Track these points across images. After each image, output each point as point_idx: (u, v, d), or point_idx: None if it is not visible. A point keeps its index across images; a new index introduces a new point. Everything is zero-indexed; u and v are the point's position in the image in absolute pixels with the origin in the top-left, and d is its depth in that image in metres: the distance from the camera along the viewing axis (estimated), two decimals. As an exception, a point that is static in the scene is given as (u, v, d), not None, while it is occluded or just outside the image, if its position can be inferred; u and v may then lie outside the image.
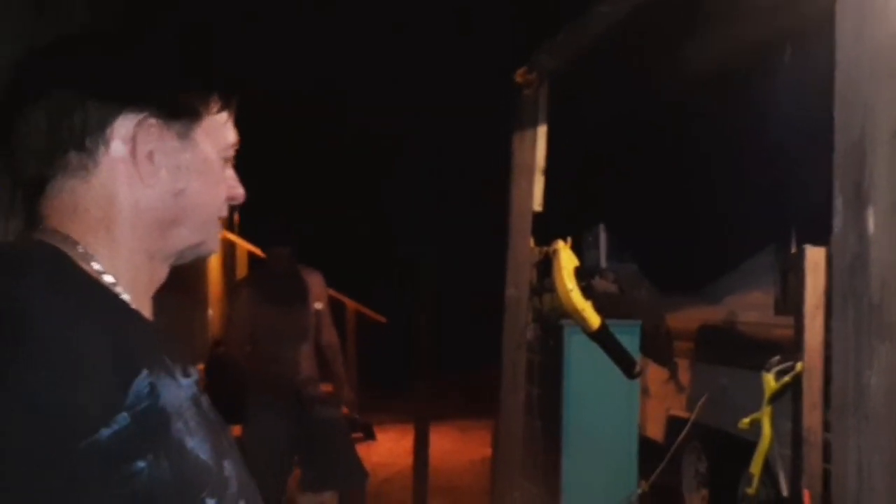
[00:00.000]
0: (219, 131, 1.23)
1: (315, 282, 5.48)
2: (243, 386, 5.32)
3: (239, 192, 1.28)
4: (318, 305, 5.47)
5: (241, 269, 12.51)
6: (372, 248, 16.13)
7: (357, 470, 5.47)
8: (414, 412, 7.56)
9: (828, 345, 4.42)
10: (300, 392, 5.30)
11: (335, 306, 6.27)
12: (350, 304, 11.88)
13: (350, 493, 5.48)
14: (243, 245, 12.21)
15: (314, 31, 8.40)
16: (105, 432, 0.95)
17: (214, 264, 11.83)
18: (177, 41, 1.24)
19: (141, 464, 0.98)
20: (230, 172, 1.27)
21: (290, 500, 5.73)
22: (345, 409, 5.76)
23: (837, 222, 2.10)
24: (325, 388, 5.67)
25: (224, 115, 1.24)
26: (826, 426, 4.53)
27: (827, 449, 4.50)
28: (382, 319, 12.75)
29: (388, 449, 9.20)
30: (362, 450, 5.86)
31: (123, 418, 0.97)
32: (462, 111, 10.38)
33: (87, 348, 0.99)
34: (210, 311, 11.58)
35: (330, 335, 5.62)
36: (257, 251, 6.42)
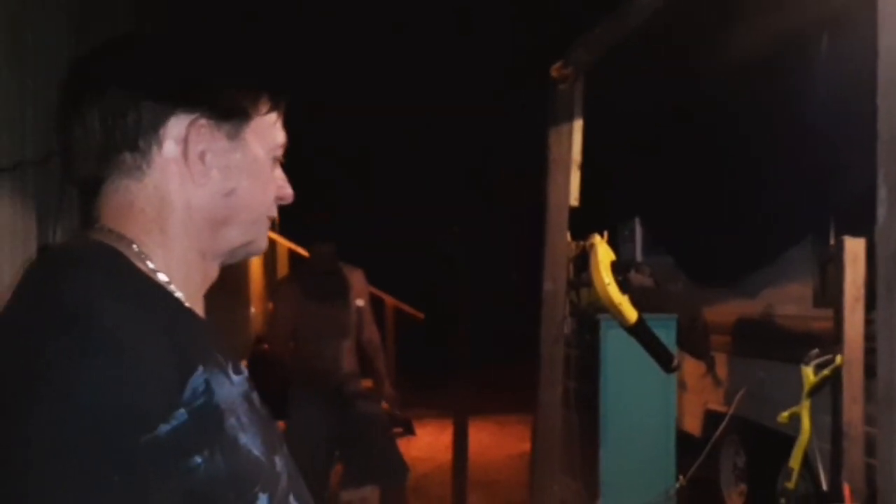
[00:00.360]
0: (268, 132, 1.25)
1: (357, 279, 5.52)
2: (286, 382, 5.37)
3: (288, 191, 1.30)
4: (360, 302, 5.52)
5: (282, 268, 12.62)
6: (409, 245, 16.19)
7: (398, 465, 5.51)
8: (453, 407, 7.59)
9: (868, 338, 4.40)
10: (342, 388, 5.35)
11: (374, 303, 6.30)
12: (389, 300, 11.94)
13: (391, 487, 5.51)
14: (284, 243, 12.30)
15: (344, 36, 8.47)
16: (164, 428, 0.97)
17: (256, 263, 11.94)
18: (227, 43, 1.26)
19: (198, 459, 1.00)
20: (279, 172, 1.29)
21: (332, 495, 5.78)
22: (385, 405, 5.80)
23: (881, 212, 2.07)
24: (366, 383, 5.71)
25: (273, 116, 1.26)
26: (866, 420, 4.51)
27: (868, 443, 4.48)
28: (420, 316, 12.79)
29: (427, 444, 9.24)
30: (402, 445, 5.90)
31: (181, 414, 1.00)
32: (498, 108, 10.42)
33: (147, 346, 1.01)
34: (252, 309, 11.68)
35: (371, 332, 5.66)
36: (298, 249, 6.46)
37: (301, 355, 5.42)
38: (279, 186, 1.28)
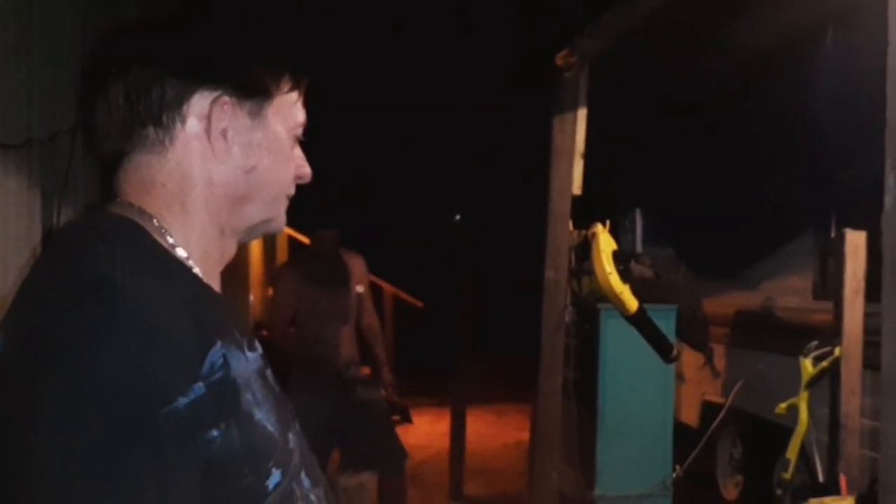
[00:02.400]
0: (289, 110, 1.26)
1: (357, 265, 5.52)
2: (285, 367, 5.38)
3: (306, 170, 1.31)
4: (360, 289, 5.52)
5: (282, 254, 12.61)
6: (409, 233, 16.19)
7: (396, 451, 5.51)
8: (451, 395, 7.61)
9: (867, 330, 4.42)
10: (341, 373, 5.36)
11: (373, 291, 6.31)
12: (388, 287, 11.95)
13: (389, 474, 5.52)
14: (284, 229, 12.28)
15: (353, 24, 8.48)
16: (183, 401, 0.99)
17: (255, 249, 11.92)
18: (251, 22, 1.28)
19: (214, 432, 1.01)
20: (298, 151, 1.30)
21: (330, 481, 5.78)
22: (383, 392, 5.81)
23: (889, 199, 2.08)
24: (365, 370, 5.72)
25: (294, 95, 1.27)
26: (864, 412, 4.53)
27: (865, 435, 4.51)
28: (419, 304, 12.80)
29: (424, 432, 9.24)
30: (399, 432, 5.91)
31: (199, 388, 1.01)
32: (505, 95, 10.45)
33: (167, 319, 1.03)
34: (251, 296, 11.67)
35: (371, 318, 5.67)
36: (298, 236, 6.45)
37: (301, 340, 5.43)
38: (298, 165, 1.30)
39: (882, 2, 2.33)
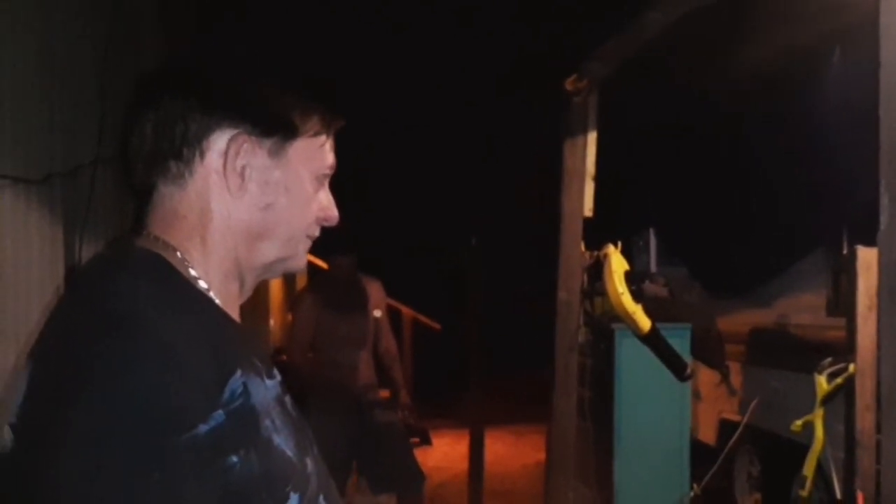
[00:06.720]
0: (315, 153, 1.29)
1: (374, 290, 5.59)
2: (304, 392, 5.43)
3: (332, 213, 1.34)
4: (377, 313, 5.57)
5: (301, 279, 12.68)
6: (427, 256, 16.20)
7: (415, 473, 5.54)
8: (469, 417, 7.63)
9: (880, 346, 4.41)
10: (360, 397, 5.41)
11: (392, 314, 6.36)
12: (406, 311, 11.99)
13: (407, 496, 5.55)
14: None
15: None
16: (203, 428, 1.03)
17: (274, 275, 11.95)
18: (283, 66, 1.33)
19: (234, 458, 1.05)
20: (324, 194, 1.33)
21: (348, 503, 5.82)
22: (401, 415, 5.85)
23: (884, 219, 2.10)
24: (383, 393, 5.77)
25: (322, 138, 1.30)
26: (879, 428, 4.52)
27: (880, 450, 4.50)
28: (437, 326, 12.84)
29: (443, 453, 9.27)
30: (418, 455, 5.93)
31: (219, 415, 1.05)
32: (513, 118, 10.47)
33: (188, 350, 1.07)
34: (271, 321, 11.73)
35: (388, 342, 5.72)
36: (316, 261, 6.50)
37: (320, 365, 5.48)
38: (323, 207, 1.32)
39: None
